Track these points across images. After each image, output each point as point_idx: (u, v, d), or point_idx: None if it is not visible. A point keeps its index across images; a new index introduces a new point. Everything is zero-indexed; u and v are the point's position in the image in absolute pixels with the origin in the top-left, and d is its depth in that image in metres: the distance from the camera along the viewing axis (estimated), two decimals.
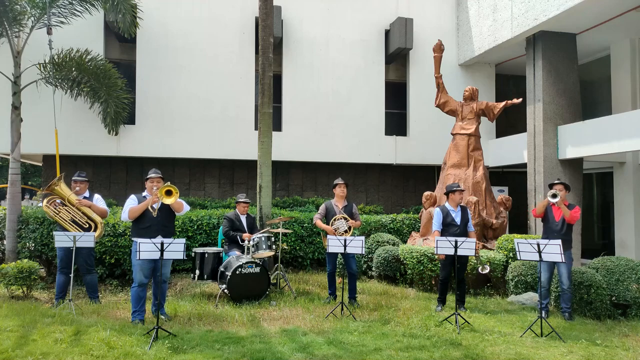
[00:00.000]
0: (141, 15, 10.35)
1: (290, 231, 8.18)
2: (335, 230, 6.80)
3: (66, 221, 6.42)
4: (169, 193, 5.50)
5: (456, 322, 5.67)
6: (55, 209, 6.44)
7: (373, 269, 8.73)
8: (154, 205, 5.62)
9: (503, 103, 9.41)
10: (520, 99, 9.43)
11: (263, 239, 6.97)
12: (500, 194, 9.91)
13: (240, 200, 7.48)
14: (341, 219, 6.87)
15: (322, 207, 7.03)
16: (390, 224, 9.90)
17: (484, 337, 5.33)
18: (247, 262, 6.53)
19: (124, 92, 9.77)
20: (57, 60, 8.87)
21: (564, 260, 5.74)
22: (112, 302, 6.67)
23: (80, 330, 5.05)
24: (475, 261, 7.23)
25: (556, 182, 6.51)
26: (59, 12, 8.90)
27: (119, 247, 7.92)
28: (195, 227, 8.58)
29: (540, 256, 5.62)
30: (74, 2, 8.92)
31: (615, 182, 10.84)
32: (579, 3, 8.64)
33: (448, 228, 6.57)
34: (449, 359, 4.66)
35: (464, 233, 6.55)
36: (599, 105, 11.54)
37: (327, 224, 6.88)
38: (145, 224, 5.61)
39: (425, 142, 12.16)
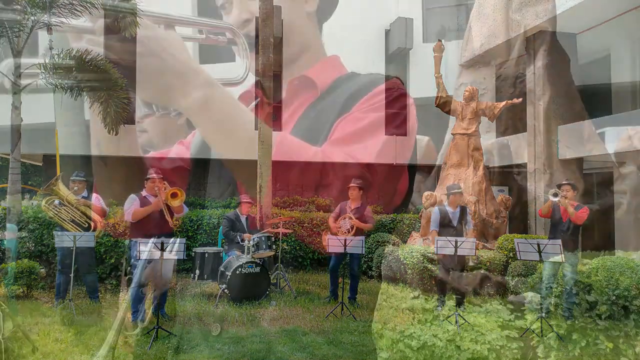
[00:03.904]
0: (141, 14, 10.31)
1: (290, 231, 8.18)
2: (339, 229, 6.79)
3: (66, 221, 6.40)
4: (174, 195, 5.56)
5: (456, 322, 5.67)
6: (54, 209, 6.44)
7: (373, 269, 8.72)
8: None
9: (503, 103, 9.39)
10: (520, 99, 9.41)
11: (263, 238, 6.97)
12: (500, 194, 9.90)
13: (244, 200, 7.47)
14: (346, 218, 6.87)
15: (337, 207, 7.12)
16: (390, 224, 9.90)
17: (484, 337, 5.33)
18: (247, 262, 6.53)
19: (124, 92, 9.75)
20: (57, 60, 8.86)
21: (564, 260, 5.75)
22: (112, 302, 6.67)
23: (80, 330, 5.04)
24: (476, 261, 7.22)
25: (564, 182, 6.48)
26: (59, 12, 8.90)
27: (119, 247, 7.91)
28: (195, 227, 8.58)
29: (540, 256, 5.62)
30: (74, 2, 8.91)
31: (615, 182, 10.82)
32: (579, 3, 8.64)
33: (445, 229, 6.57)
34: (449, 359, 4.65)
35: (462, 234, 6.53)
36: (599, 106, 11.53)
37: None
38: (149, 225, 5.63)
39: (425, 142, 12.13)
